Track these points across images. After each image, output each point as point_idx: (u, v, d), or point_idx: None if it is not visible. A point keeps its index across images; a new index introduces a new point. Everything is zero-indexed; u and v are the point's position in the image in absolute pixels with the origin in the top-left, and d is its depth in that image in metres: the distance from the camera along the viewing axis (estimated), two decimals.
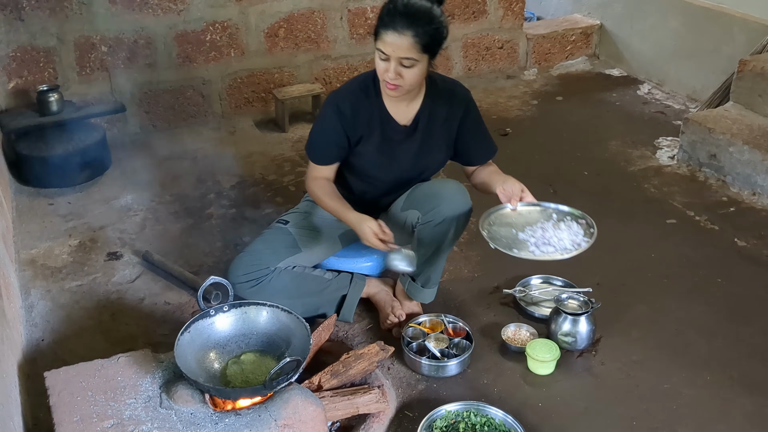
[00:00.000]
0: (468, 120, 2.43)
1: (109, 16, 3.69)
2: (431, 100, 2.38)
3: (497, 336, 2.46)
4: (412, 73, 2.19)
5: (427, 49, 2.16)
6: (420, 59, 2.17)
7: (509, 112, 4.27)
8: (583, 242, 2.19)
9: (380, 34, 2.17)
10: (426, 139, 2.40)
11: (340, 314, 2.51)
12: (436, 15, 2.17)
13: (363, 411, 2.09)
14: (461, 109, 2.41)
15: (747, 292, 2.71)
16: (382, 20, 2.16)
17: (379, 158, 2.42)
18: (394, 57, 2.15)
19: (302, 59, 4.21)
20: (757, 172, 3.28)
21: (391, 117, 2.38)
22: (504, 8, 4.64)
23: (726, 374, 2.32)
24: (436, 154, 2.45)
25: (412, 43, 2.13)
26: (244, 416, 1.88)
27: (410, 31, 2.12)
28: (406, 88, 2.24)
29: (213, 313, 2.15)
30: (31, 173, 3.44)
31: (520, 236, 2.22)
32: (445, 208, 2.33)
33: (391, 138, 2.39)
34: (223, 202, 3.34)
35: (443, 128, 2.41)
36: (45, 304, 2.66)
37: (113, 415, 1.90)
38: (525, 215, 2.29)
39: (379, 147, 2.40)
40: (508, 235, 2.22)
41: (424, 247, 2.40)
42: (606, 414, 2.18)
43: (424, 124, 2.39)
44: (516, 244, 2.19)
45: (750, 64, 3.58)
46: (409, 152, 2.42)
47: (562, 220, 2.28)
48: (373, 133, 2.39)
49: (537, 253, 2.16)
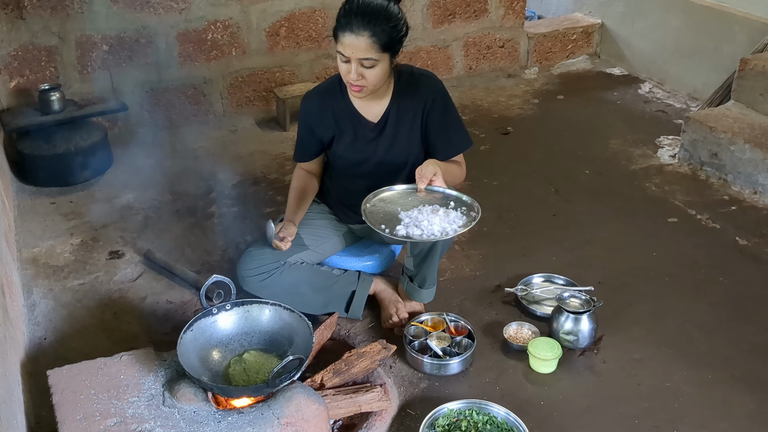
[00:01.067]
0: (434, 113, 2.38)
1: (110, 14, 3.69)
2: (399, 96, 2.37)
3: (499, 334, 2.46)
4: (374, 73, 2.19)
5: (386, 47, 2.16)
6: (380, 59, 2.17)
7: (510, 111, 4.27)
8: (450, 231, 2.10)
9: (338, 36, 2.16)
10: (396, 135, 2.39)
11: (349, 311, 2.51)
12: (393, 13, 2.15)
13: (365, 409, 2.09)
14: (428, 102, 2.37)
15: (748, 290, 2.71)
16: (339, 22, 2.15)
17: (353, 156, 2.44)
18: (354, 58, 2.15)
19: (303, 58, 4.21)
20: (758, 171, 3.28)
21: (360, 115, 2.39)
22: (505, 7, 4.64)
23: (728, 372, 2.32)
24: (410, 149, 2.43)
25: (369, 44, 2.12)
26: (247, 414, 1.88)
27: (367, 31, 2.11)
28: (371, 88, 2.24)
29: (215, 311, 2.15)
30: (33, 172, 3.44)
31: (400, 216, 2.15)
32: None
33: (363, 136, 2.40)
34: (224, 200, 3.34)
35: (413, 123, 2.39)
36: (47, 303, 2.67)
37: (116, 414, 1.90)
38: (419, 198, 2.23)
39: (352, 146, 2.42)
40: (391, 212, 2.18)
41: (417, 248, 2.40)
42: (608, 412, 2.18)
43: (393, 121, 2.38)
44: (390, 223, 2.14)
45: (751, 62, 3.58)
46: (382, 149, 2.41)
47: (446, 206, 2.18)
48: (345, 133, 2.40)
49: (398, 233, 2.10)
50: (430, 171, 2.22)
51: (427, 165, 2.25)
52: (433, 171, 2.22)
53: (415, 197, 2.23)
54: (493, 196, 3.34)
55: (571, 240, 3.03)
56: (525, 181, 3.50)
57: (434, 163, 2.27)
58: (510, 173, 3.57)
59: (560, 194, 3.39)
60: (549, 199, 3.35)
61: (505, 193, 3.39)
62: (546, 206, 3.29)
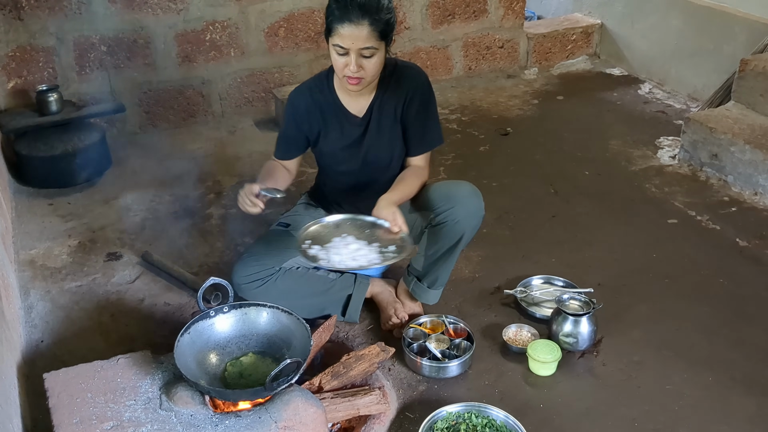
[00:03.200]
0: (412, 106, 2.37)
1: (108, 15, 3.68)
2: (383, 89, 2.37)
3: (498, 337, 2.45)
4: (373, 63, 2.20)
5: (383, 35, 2.17)
6: (379, 47, 2.18)
7: (510, 111, 4.26)
8: (347, 268, 2.13)
9: (335, 29, 2.15)
10: (380, 129, 2.39)
11: (345, 314, 2.50)
12: (385, 2, 2.18)
13: (364, 412, 2.08)
14: (409, 94, 2.36)
15: (749, 292, 2.70)
16: (334, 14, 2.15)
17: (340, 152, 2.44)
18: (354, 49, 2.15)
19: (302, 59, 4.20)
20: (758, 172, 3.27)
21: (346, 110, 2.39)
22: (504, 7, 4.63)
23: (728, 375, 2.31)
24: (394, 143, 2.42)
25: (370, 32, 2.13)
26: (245, 418, 1.87)
27: (366, 20, 2.12)
28: (369, 79, 2.24)
29: (213, 314, 2.14)
30: (31, 173, 3.44)
31: (333, 239, 2.19)
32: (460, 210, 2.31)
33: (349, 131, 2.40)
34: (223, 202, 3.33)
35: (395, 116, 2.38)
36: (44, 305, 2.65)
37: (113, 417, 1.89)
38: (362, 228, 2.24)
39: (338, 141, 2.42)
40: (327, 235, 2.22)
41: (434, 248, 2.39)
42: (607, 415, 2.17)
43: (377, 114, 2.38)
44: (321, 243, 2.18)
45: (751, 63, 3.57)
46: (367, 143, 2.41)
47: (373, 243, 2.16)
48: (332, 128, 2.40)
49: (308, 253, 2.14)
50: (388, 215, 2.18)
51: (381, 210, 2.20)
52: (391, 213, 2.18)
53: (351, 226, 2.25)
54: (492, 197, 3.31)
55: (570, 241, 3.02)
56: (524, 182, 3.49)
57: (388, 203, 2.22)
58: (509, 174, 3.56)
59: (560, 195, 3.38)
60: (548, 201, 3.34)
61: (504, 194, 3.38)
62: (545, 207, 3.28)
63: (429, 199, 2.39)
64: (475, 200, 2.34)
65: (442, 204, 2.33)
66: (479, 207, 2.35)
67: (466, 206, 2.32)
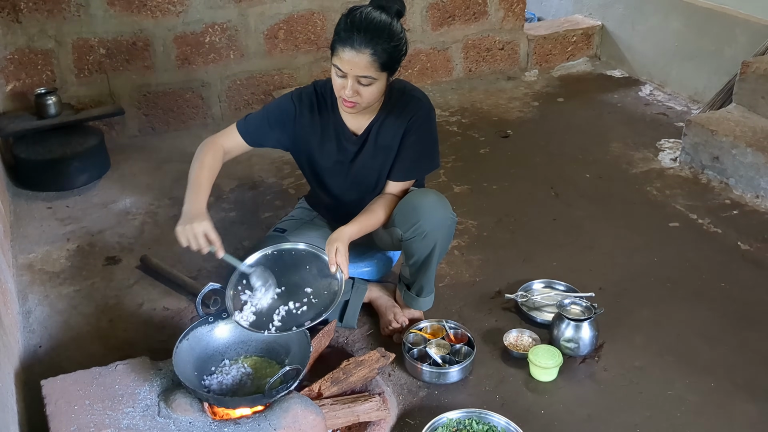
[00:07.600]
0: (408, 136, 2.32)
1: (107, 18, 3.66)
2: (386, 112, 2.32)
3: (499, 342, 2.44)
4: (370, 91, 2.14)
5: (385, 67, 2.11)
6: (378, 77, 2.12)
7: (510, 113, 4.25)
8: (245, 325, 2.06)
9: (337, 51, 2.09)
10: (375, 150, 2.36)
11: (343, 320, 2.49)
12: (396, 32, 2.10)
13: (363, 419, 2.06)
14: (407, 124, 2.31)
15: (751, 296, 2.69)
16: (339, 35, 2.09)
17: (333, 166, 2.41)
18: (351, 75, 2.10)
19: (302, 61, 4.19)
20: (760, 175, 3.25)
21: (345, 126, 2.35)
22: (505, 9, 4.62)
23: (730, 380, 2.30)
24: (386, 168, 2.38)
25: (370, 62, 2.07)
26: (243, 425, 1.86)
27: (369, 49, 2.05)
28: (364, 105, 2.19)
29: (212, 319, 2.13)
30: (29, 177, 3.42)
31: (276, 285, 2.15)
32: (426, 223, 2.24)
33: (345, 147, 2.37)
34: (222, 205, 3.32)
35: (392, 141, 2.34)
36: (43, 310, 2.64)
37: (111, 425, 1.88)
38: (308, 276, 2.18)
39: (333, 155, 2.38)
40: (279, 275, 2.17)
41: (412, 260, 2.37)
42: (609, 421, 2.16)
43: (374, 136, 2.34)
44: (262, 282, 2.14)
45: (753, 65, 3.55)
46: (360, 161, 2.38)
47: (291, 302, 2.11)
48: (328, 141, 2.37)
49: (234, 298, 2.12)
50: (330, 250, 2.12)
51: (328, 242, 2.15)
52: (334, 248, 2.12)
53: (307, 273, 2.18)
54: (493, 200, 3.32)
55: (571, 245, 3.00)
56: (525, 185, 3.48)
57: (338, 237, 2.15)
58: (509, 177, 3.55)
59: (560, 198, 3.37)
60: (549, 204, 3.32)
61: (504, 197, 3.37)
62: (546, 210, 3.26)
63: (394, 216, 2.32)
64: (441, 210, 2.28)
65: (408, 218, 2.26)
66: (445, 216, 2.28)
67: (431, 218, 2.25)
